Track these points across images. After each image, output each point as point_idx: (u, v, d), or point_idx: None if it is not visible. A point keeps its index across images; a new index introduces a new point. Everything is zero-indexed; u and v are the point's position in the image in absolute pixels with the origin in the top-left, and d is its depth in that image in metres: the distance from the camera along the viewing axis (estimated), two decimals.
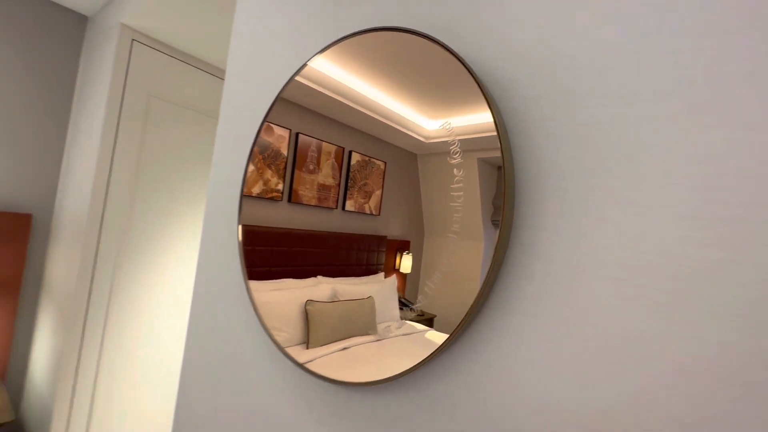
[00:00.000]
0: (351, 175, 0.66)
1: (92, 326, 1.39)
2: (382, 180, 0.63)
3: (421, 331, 0.55)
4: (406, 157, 0.59)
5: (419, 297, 0.57)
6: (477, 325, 0.46)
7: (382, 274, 0.64)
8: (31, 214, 1.58)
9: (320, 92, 0.68)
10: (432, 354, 0.48)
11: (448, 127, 0.52)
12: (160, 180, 1.55)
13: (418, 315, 0.58)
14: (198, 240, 1.70)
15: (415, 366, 0.49)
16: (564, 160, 0.41)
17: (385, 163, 0.62)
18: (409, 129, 0.60)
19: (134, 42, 1.43)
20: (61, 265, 1.52)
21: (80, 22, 1.71)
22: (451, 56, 0.50)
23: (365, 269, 0.65)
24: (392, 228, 0.62)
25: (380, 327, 0.62)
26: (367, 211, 0.64)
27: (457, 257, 0.51)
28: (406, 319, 0.59)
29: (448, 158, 0.53)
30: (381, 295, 0.62)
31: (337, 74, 0.66)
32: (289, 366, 0.66)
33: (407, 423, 0.50)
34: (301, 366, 0.61)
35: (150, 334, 1.56)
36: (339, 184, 0.68)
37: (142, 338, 1.54)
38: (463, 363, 0.46)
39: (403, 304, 0.61)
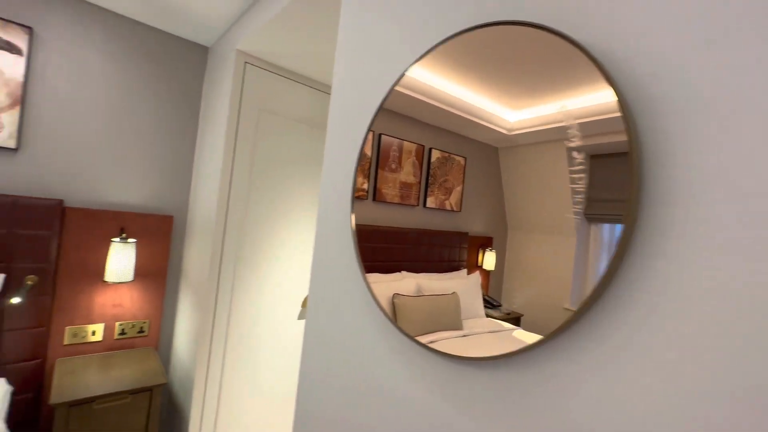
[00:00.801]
0: (431, 172, 0.67)
1: (221, 308, 1.65)
2: (462, 176, 0.62)
3: (507, 330, 0.53)
4: (487, 151, 0.58)
5: (504, 295, 0.55)
6: (603, 304, 0.42)
7: (464, 271, 0.63)
8: (172, 216, 1.93)
9: (409, 96, 0.69)
10: (555, 331, 0.44)
11: (564, 109, 0.48)
12: (270, 183, 1.76)
13: (504, 313, 0.56)
14: (302, 234, 1.88)
15: (535, 344, 0.46)
16: (690, 141, 0.36)
17: (465, 158, 0.62)
18: (491, 122, 0.58)
19: (246, 64, 1.64)
20: (194, 257, 1.83)
21: (202, 52, 2.02)
22: (560, 40, 0.46)
23: (447, 265, 0.65)
24: (474, 224, 0.61)
25: (466, 323, 0.61)
26: (448, 208, 0.64)
27: (545, 254, 0.48)
28: (491, 317, 0.58)
29: (535, 149, 0.50)
30: (465, 291, 0.62)
31: (427, 78, 0.67)
32: (405, 344, 0.69)
33: (524, 398, 0.48)
34: (423, 345, 0.62)
35: (265, 314, 1.79)
36: (420, 182, 0.69)
37: (259, 317, 1.77)
38: (587, 342, 0.42)
39: (488, 302, 0.59)
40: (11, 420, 1.53)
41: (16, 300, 1.48)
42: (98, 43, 1.72)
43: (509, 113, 0.54)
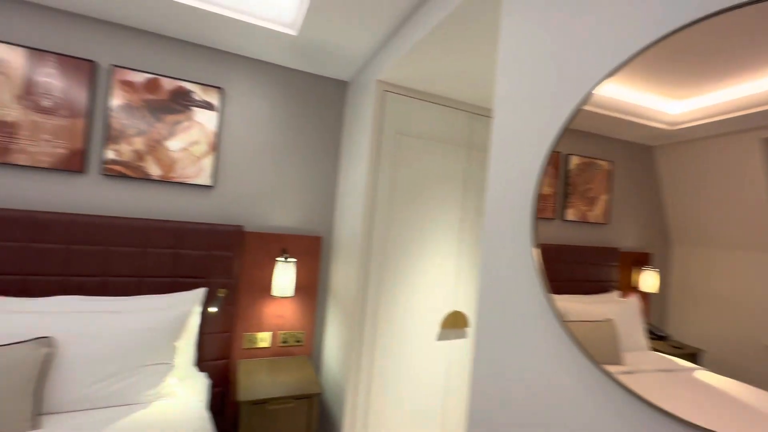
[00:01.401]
0: (569, 180, 0.59)
1: (368, 324, 1.73)
2: (608, 183, 0.53)
3: (685, 369, 0.40)
4: (639, 151, 0.48)
5: (671, 324, 0.43)
6: None
7: (615, 293, 0.53)
8: (321, 236, 2.14)
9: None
10: None
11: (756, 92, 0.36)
12: (411, 203, 1.81)
13: (673, 347, 0.44)
14: (443, 254, 1.87)
15: None
16: None
17: (612, 162, 0.52)
18: (644, 117, 0.46)
19: (386, 93, 1.74)
20: (340, 275, 1.97)
21: (342, 86, 2.22)
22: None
23: (594, 286, 0.56)
24: (625, 238, 0.51)
25: (626, 357, 0.50)
26: (592, 220, 0.56)
27: (734, 275, 0.34)
28: (657, 351, 0.46)
29: (712, 144, 0.37)
30: (621, 318, 0.51)
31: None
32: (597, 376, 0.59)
33: None
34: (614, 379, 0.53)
35: (409, 331, 1.81)
36: (556, 192, 0.62)
37: (403, 334, 1.80)
38: None
39: (652, 332, 0.48)
40: (211, 409, 1.85)
41: (213, 309, 1.81)
42: (264, 92, 2.03)
43: (670, 104, 0.44)
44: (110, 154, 1.72)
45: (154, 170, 1.80)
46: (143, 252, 1.73)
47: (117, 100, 1.73)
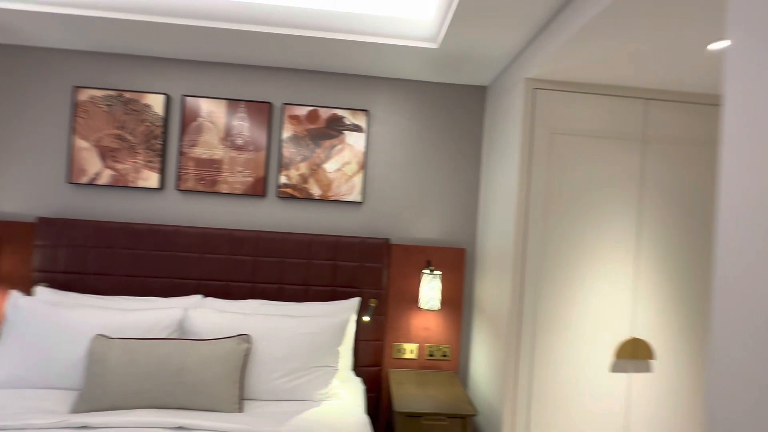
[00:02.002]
0: None
1: (525, 345, 1.58)
2: None
3: None
4: None
5: None
6: None
7: None
8: (464, 249, 2.07)
9: None
10: None
11: None
12: (570, 212, 1.60)
13: None
14: (614, 271, 1.60)
15: None
16: None
17: None
18: None
19: (536, 90, 1.59)
20: (489, 289, 1.86)
21: (480, 92, 2.14)
22: None
23: None
24: None
25: None
26: None
27: None
28: None
29: None
30: None
31: None
32: None
33: None
34: None
35: (576, 356, 1.58)
36: None
37: (568, 358, 1.58)
38: None
39: None
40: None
41: (366, 318, 1.92)
42: (405, 109, 2.10)
43: None
44: (282, 179, 2.02)
45: (315, 190, 2.03)
46: (308, 263, 1.96)
47: (286, 132, 2.02)
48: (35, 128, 1.96)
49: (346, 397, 1.66)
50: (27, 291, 1.87)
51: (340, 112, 2.04)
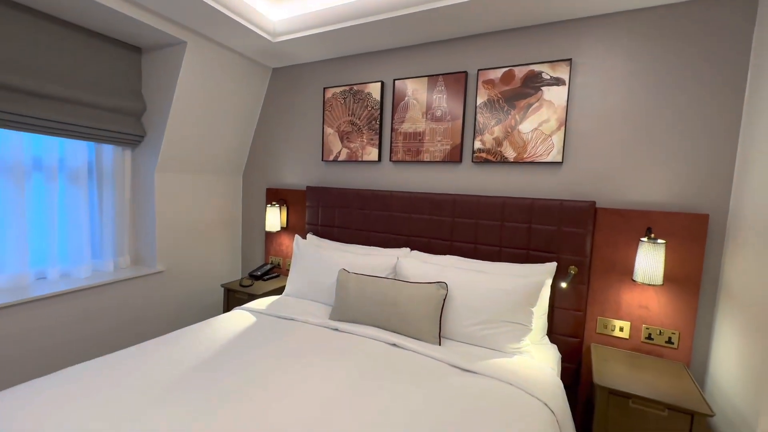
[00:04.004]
0: None
1: None
2: None
3: None
4: None
5: None
6: None
7: None
8: (707, 215, 1.62)
9: None
10: None
11: None
12: None
13: None
14: None
15: None
16: None
17: None
18: None
19: None
20: (744, 267, 1.41)
21: (740, 3, 1.55)
22: None
23: None
24: None
25: None
26: None
27: None
28: None
29: None
30: None
31: None
32: None
33: None
34: None
35: None
36: None
37: None
38: None
39: None
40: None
41: (563, 285, 1.82)
42: (620, 49, 1.77)
43: None
44: (477, 145, 2.10)
45: (509, 153, 2.02)
46: (501, 225, 2.00)
47: (480, 98, 2.07)
48: (303, 123, 2.76)
49: (539, 357, 1.66)
50: (303, 236, 2.72)
51: (537, 68, 1.92)
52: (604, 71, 1.81)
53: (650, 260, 1.60)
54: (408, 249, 2.21)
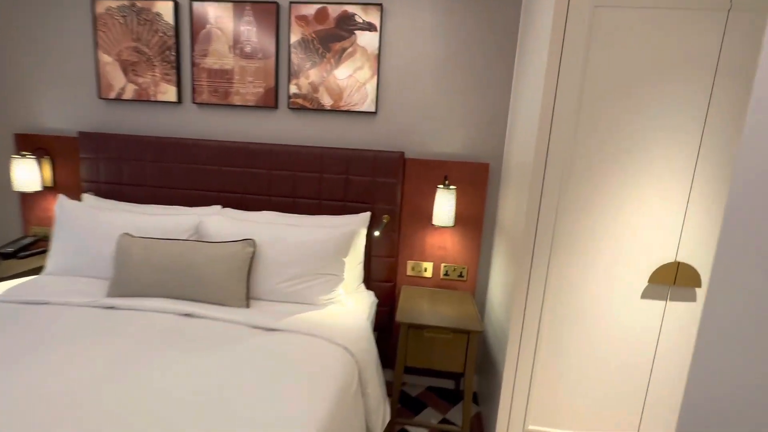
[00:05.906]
0: None
1: (538, 263, 1.42)
2: None
3: None
4: None
5: None
6: None
7: None
8: (488, 163, 1.86)
9: None
10: None
11: None
12: (609, 111, 1.31)
13: None
14: (666, 179, 1.32)
15: None
16: None
17: None
18: None
19: None
20: (509, 206, 1.68)
21: None
22: None
23: None
24: None
25: None
26: None
27: None
28: None
29: None
30: None
31: None
32: None
33: None
34: None
35: (595, 277, 1.41)
36: None
37: (582, 275, 1.41)
38: None
39: None
40: (375, 325, 1.99)
41: (377, 233, 1.87)
42: (426, 0, 1.81)
43: None
44: (293, 89, 1.92)
45: (326, 100, 1.91)
46: (320, 177, 1.91)
47: (294, 36, 1.87)
48: (64, 45, 2.04)
49: (352, 305, 1.69)
50: (78, 198, 2.10)
51: (350, 9, 1.82)
52: (410, 20, 1.83)
53: (445, 205, 1.76)
54: (219, 206, 1.93)
